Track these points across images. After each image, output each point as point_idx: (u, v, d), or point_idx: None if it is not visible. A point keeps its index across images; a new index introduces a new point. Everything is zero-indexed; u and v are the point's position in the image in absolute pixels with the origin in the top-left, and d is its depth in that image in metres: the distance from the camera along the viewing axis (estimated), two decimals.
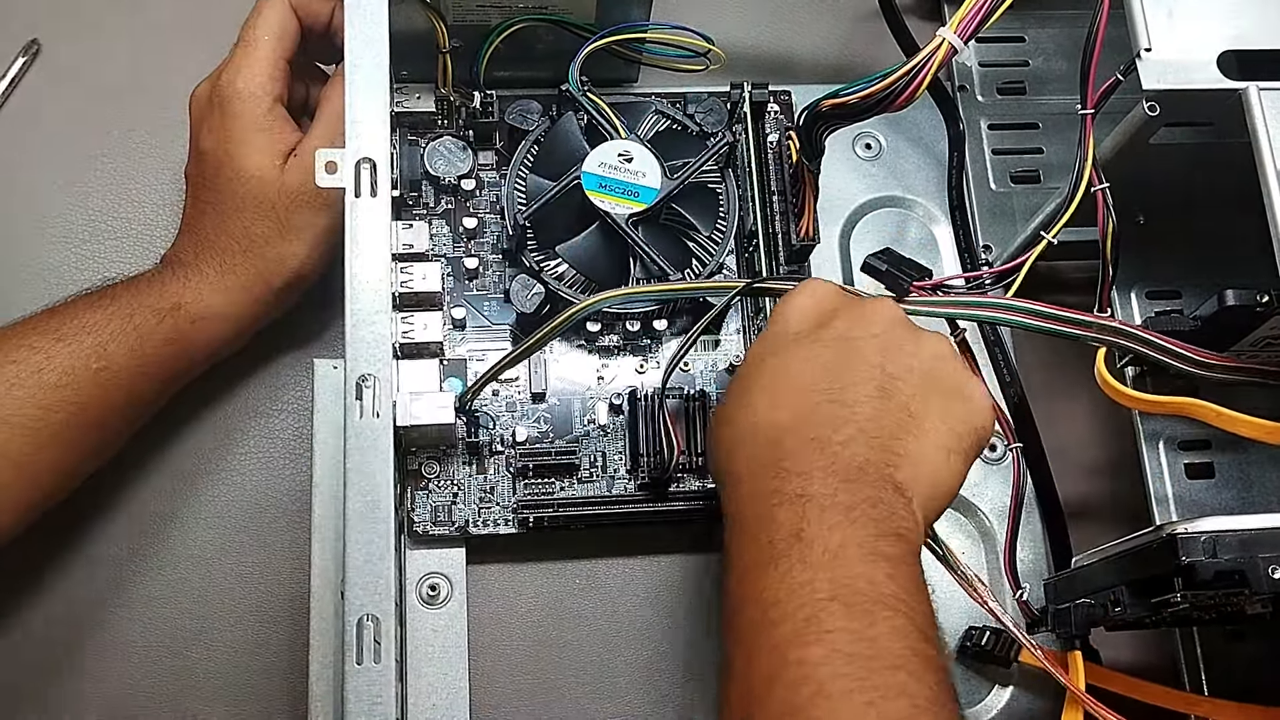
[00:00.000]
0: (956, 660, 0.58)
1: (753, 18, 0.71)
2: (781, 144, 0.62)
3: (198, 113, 0.58)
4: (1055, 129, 0.68)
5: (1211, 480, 0.56)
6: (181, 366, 0.56)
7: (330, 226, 0.57)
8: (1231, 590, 0.43)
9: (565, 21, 0.59)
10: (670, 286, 0.55)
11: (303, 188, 0.55)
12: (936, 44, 0.47)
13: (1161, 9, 0.47)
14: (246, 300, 0.57)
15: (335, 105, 0.55)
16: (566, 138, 0.58)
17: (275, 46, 0.57)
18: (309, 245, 0.57)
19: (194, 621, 0.58)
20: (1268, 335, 0.47)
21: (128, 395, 0.53)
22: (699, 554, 0.60)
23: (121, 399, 0.53)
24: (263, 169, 0.55)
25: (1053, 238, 0.50)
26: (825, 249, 0.63)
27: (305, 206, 0.56)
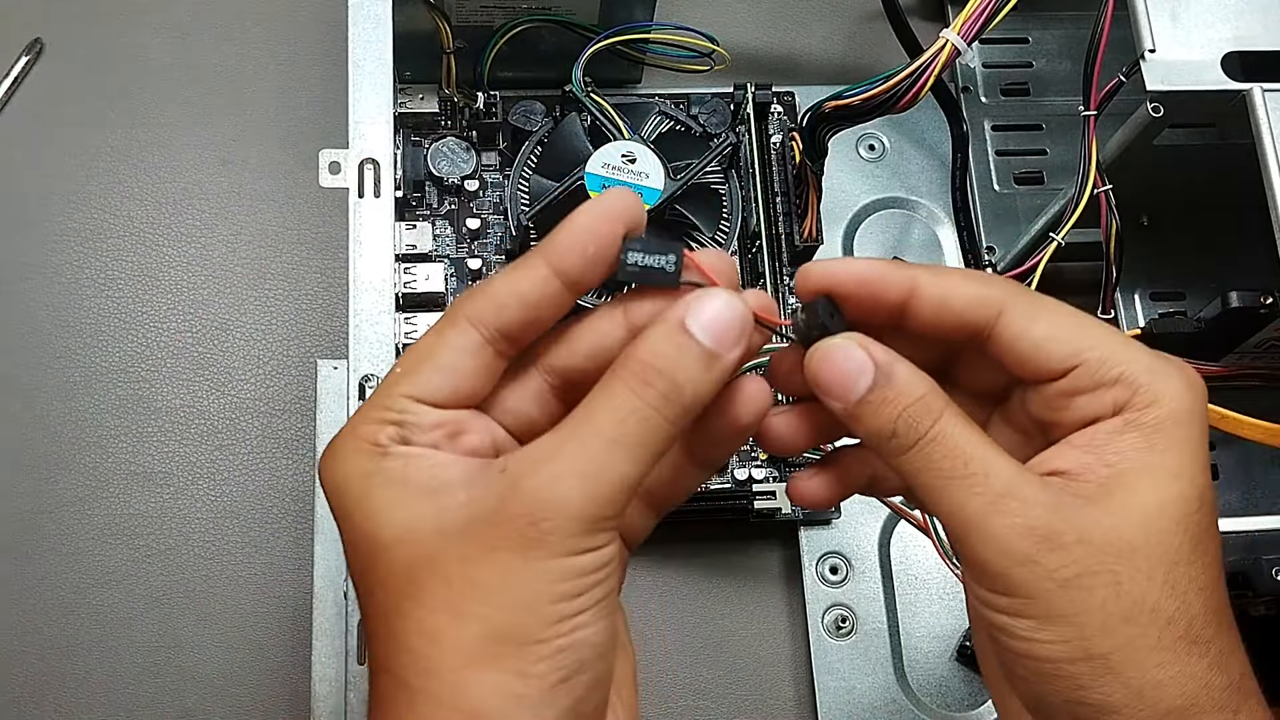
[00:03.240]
0: (956, 660, 0.58)
1: (756, 19, 0.71)
2: (785, 145, 0.62)
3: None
4: (1059, 130, 0.68)
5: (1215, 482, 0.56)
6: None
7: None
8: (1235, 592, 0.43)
9: (569, 22, 0.59)
10: None
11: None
12: (940, 45, 0.47)
13: (1165, 10, 0.47)
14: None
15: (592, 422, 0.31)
16: (570, 138, 0.58)
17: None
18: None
19: (194, 621, 0.58)
20: (1271, 337, 0.47)
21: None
22: (700, 553, 0.60)
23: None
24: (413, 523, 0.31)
25: (1061, 239, 0.50)
26: (828, 250, 0.63)
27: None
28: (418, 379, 0.32)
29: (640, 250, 0.31)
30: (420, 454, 0.31)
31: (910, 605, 0.59)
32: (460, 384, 0.32)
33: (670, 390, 0.30)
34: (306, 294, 0.63)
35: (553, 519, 0.29)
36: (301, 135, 0.66)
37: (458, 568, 0.30)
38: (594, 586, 0.30)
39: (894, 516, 0.59)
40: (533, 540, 0.29)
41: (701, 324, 0.30)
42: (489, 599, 0.29)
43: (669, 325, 0.31)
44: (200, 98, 0.67)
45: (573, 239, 0.32)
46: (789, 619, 0.60)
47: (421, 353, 0.32)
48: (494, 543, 0.30)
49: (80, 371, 0.61)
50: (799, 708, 0.58)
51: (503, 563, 0.29)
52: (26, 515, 0.59)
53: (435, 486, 0.31)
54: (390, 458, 0.31)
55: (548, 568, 0.29)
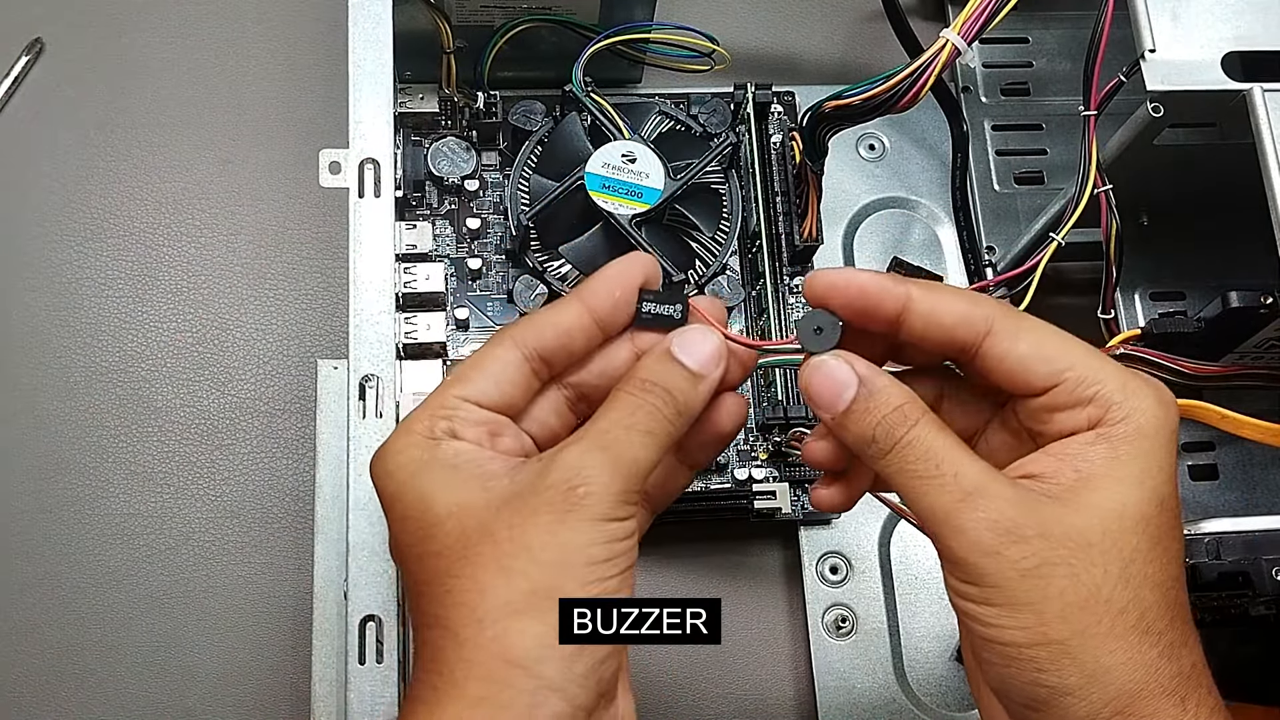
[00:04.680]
0: (956, 660, 0.58)
1: (756, 18, 0.71)
2: (785, 145, 0.62)
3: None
4: (1059, 130, 0.68)
5: (1215, 482, 0.56)
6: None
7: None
8: (1235, 592, 0.43)
9: (569, 22, 0.59)
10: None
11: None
12: (940, 45, 0.47)
13: (1165, 10, 0.47)
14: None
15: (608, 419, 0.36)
16: (570, 138, 0.58)
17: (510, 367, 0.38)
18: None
19: (195, 621, 0.58)
20: (1271, 337, 0.47)
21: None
22: (700, 553, 0.60)
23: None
24: (464, 499, 0.35)
25: (1062, 239, 0.50)
26: (828, 250, 0.63)
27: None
28: (469, 383, 0.37)
29: (653, 301, 0.39)
30: (467, 447, 0.36)
31: (910, 605, 0.59)
32: (503, 392, 0.38)
33: (665, 395, 0.37)
34: (306, 294, 0.63)
35: (587, 485, 0.34)
36: (301, 135, 0.66)
37: (505, 531, 0.34)
38: (620, 555, 0.35)
39: (894, 516, 0.59)
40: (571, 504, 0.34)
41: (685, 351, 0.37)
42: (533, 557, 0.34)
43: (659, 352, 0.38)
44: (200, 98, 0.67)
45: (603, 283, 0.38)
46: (789, 619, 0.60)
47: (472, 363, 0.38)
48: (537, 508, 0.34)
49: (80, 371, 0.61)
50: (799, 708, 0.58)
51: (544, 525, 0.34)
52: (26, 515, 0.59)
53: (481, 472, 0.36)
54: (442, 447, 0.36)
55: (583, 530, 0.34)
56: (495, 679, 0.33)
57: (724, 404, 0.40)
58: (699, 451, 0.41)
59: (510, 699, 0.33)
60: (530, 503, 0.34)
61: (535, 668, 0.33)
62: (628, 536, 0.36)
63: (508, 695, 0.33)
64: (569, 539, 0.34)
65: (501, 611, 0.33)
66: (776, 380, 0.57)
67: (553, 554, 0.34)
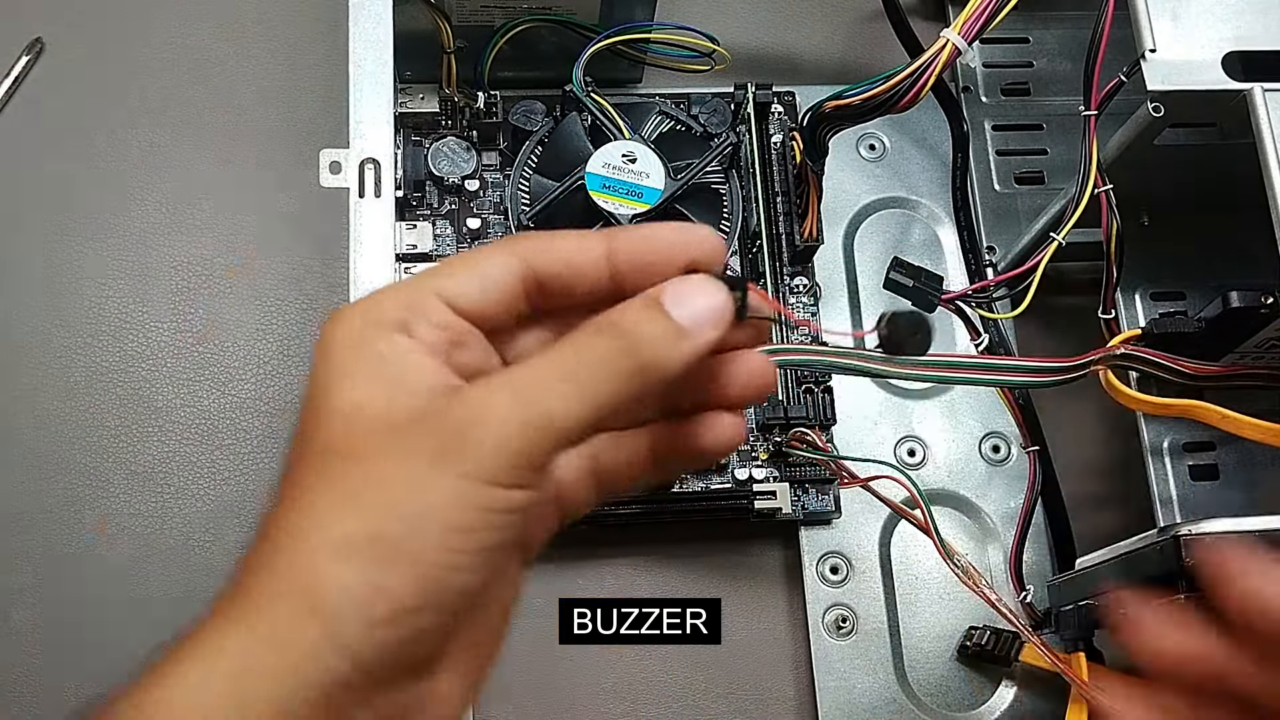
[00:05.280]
0: (956, 660, 0.58)
1: (757, 18, 0.71)
2: (785, 145, 0.62)
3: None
4: (1059, 130, 0.68)
5: (1216, 482, 0.56)
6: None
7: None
8: None
9: (569, 22, 0.59)
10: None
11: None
12: (940, 45, 0.47)
13: (1166, 10, 0.47)
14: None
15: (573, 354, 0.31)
16: (570, 138, 0.58)
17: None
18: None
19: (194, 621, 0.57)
20: (1271, 337, 0.47)
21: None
22: (701, 553, 0.60)
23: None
24: (361, 403, 0.31)
25: (1062, 239, 0.50)
26: (829, 250, 0.63)
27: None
28: (450, 279, 0.32)
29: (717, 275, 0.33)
30: (410, 346, 0.31)
31: (910, 605, 0.59)
32: (486, 299, 0.32)
33: (630, 350, 0.31)
34: (306, 294, 0.63)
35: (479, 434, 0.29)
36: (301, 135, 0.66)
37: (377, 458, 0.30)
38: (491, 532, 0.29)
39: (894, 516, 0.59)
40: (452, 452, 0.29)
41: (677, 300, 0.32)
42: (389, 499, 0.29)
43: (648, 296, 0.32)
44: (200, 97, 0.67)
45: (643, 243, 0.33)
46: (789, 619, 0.60)
47: (462, 259, 0.33)
48: (418, 445, 0.29)
49: (80, 371, 0.61)
50: (799, 708, 0.58)
51: (416, 467, 0.29)
52: (26, 515, 0.59)
53: (402, 380, 0.31)
54: (382, 336, 0.31)
55: (451, 487, 0.29)
56: (289, 620, 0.29)
57: (719, 421, 0.35)
58: (673, 458, 0.35)
59: (292, 645, 0.28)
60: (415, 435, 0.29)
61: (333, 623, 0.28)
62: (510, 512, 0.29)
63: (292, 641, 0.28)
64: (433, 493, 0.29)
65: (328, 549, 0.29)
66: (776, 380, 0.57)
67: (411, 505, 0.29)
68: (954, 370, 0.45)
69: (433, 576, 0.29)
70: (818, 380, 0.58)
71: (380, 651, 0.28)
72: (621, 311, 0.32)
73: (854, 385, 0.61)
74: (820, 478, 0.59)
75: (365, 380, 0.31)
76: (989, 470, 0.62)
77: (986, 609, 0.54)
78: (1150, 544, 0.45)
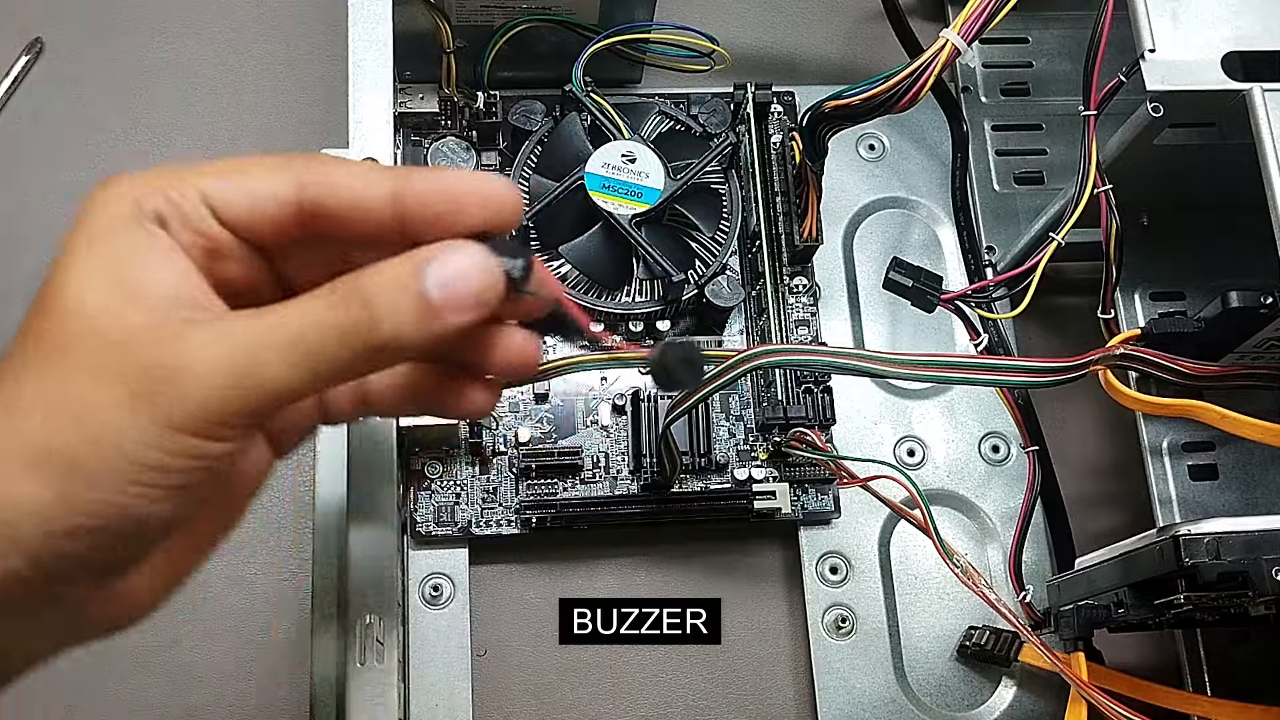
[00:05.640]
0: (956, 660, 0.58)
1: (756, 18, 0.71)
2: (785, 145, 0.62)
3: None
4: (1059, 130, 0.68)
5: (1215, 482, 0.56)
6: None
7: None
8: (1235, 592, 0.43)
9: (569, 22, 0.59)
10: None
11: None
12: (940, 45, 0.47)
13: (1165, 10, 0.47)
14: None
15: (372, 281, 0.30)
16: (570, 138, 0.58)
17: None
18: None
19: (194, 622, 0.58)
20: (1271, 337, 0.47)
21: None
22: (701, 553, 0.60)
23: None
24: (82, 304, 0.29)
25: (1062, 239, 0.50)
26: (828, 250, 0.63)
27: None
28: (217, 181, 0.30)
29: (495, 247, 0.31)
30: (161, 247, 0.30)
31: (910, 605, 0.59)
32: (251, 216, 0.31)
33: (370, 324, 0.29)
34: None
35: (182, 384, 0.28)
36: (301, 135, 0.66)
37: (78, 377, 0.28)
38: (181, 471, 0.29)
39: (894, 516, 0.59)
40: (152, 392, 0.28)
41: (438, 277, 0.30)
42: (81, 421, 0.28)
43: (409, 263, 0.30)
44: (200, 98, 0.67)
45: (434, 186, 0.31)
46: (789, 619, 0.60)
47: (235, 165, 0.31)
48: (122, 373, 0.28)
49: None
50: (799, 708, 0.58)
51: (114, 399, 0.28)
52: None
53: (140, 289, 0.29)
54: (137, 228, 0.30)
55: (145, 426, 0.28)
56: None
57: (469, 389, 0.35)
58: (424, 403, 0.35)
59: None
60: (125, 362, 0.28)
61: (10, 526, 0.28)
62: (205, 459, 0.29)
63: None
64: (127, 429, 0.28)
65: (18, 454, 0.28)
66: (776, 380, 0.57)
67: (103, 433, 0.28)
68: (953, 370, 0.45)
69: (117, 503, 0.28)
70: (817, 380, 0.58)
71: (57, 558, 0.28)
72: (371, 277, 0.29)
73: (854, 385, 0.61)
74: (820, 478, 0.59)
75: (103, 283, 0.29)
76: (988, 470, 0.62)
77: (986, 609, 0.54)
78: (1149, 544, 0.45)
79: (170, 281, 0.29)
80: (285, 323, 0.29)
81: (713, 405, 0.59)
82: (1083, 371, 0.46)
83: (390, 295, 0.29)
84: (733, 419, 0.59)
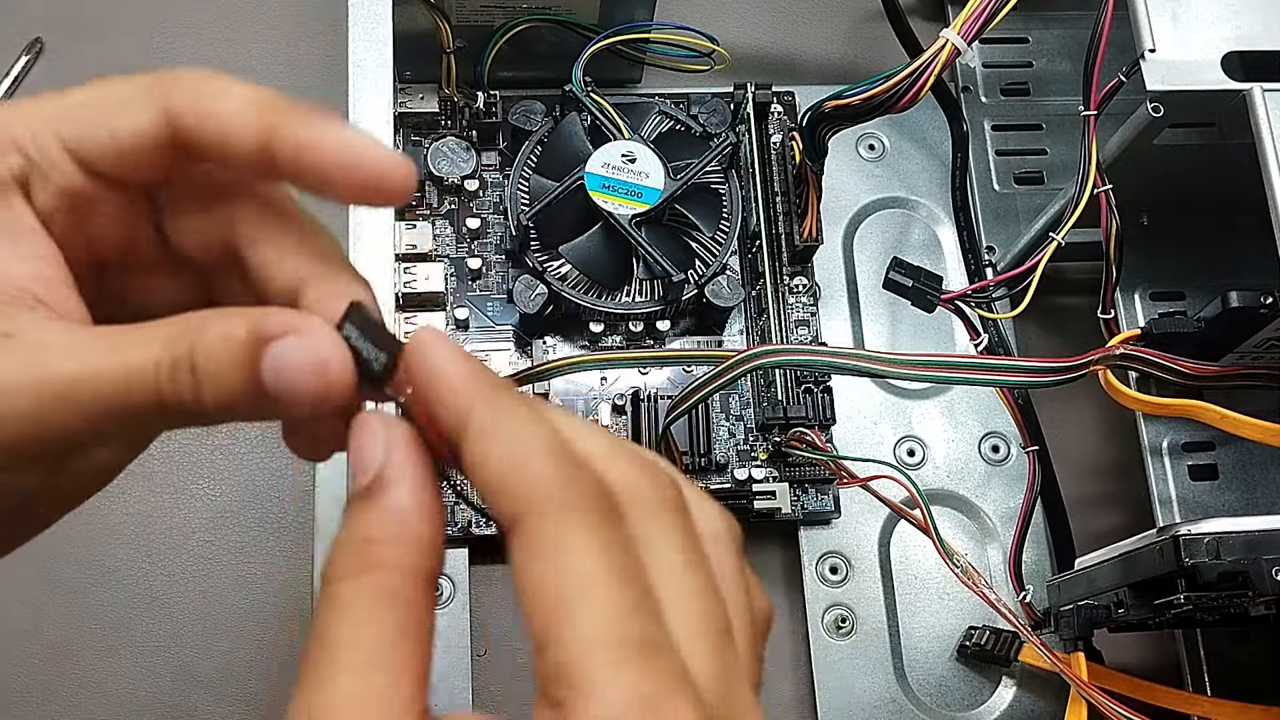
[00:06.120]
0: (956, 660, 0.58)
1: (756, 18, 0.71)
2: (785, 145, 0.62)
3: None
4: (1059, 130, 0.68)
5: (1215, 482, 0.56)
6: None
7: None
8: (1235, 592, 0.43)
9: (569, 22, 0.59)
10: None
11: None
12: (940, 45, 0.47)
13: (1165, 10, 0.47)
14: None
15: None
16: (570, 138, 0.58)
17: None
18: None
19: (194, 621, 0.58)
20: (1271, 337, 0.47)
21: None
22: None
23: None
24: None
25: (1062, 239, 0.50)
26: (828, 249, 0.63)
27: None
28: (76, 120, 0.26)
29: (358, 329, 0.26)
30: (21, 224, 0.26)
31: (910, 605, 0.59)
32: (121, 157, 0.26)
33: (188, 389, 0.25)
34: None
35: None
36: None
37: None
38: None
39: (894, 516, 0.59)
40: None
41: (274, 357, 0.25)
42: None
43: (240, 330, 0.25)
44: None
45: (312, 134, 0.27)
46: (789, 619, 0.60)
47: (93, 94, 0.26)
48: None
49: None
50: (799, 708, 0.58)
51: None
52: None
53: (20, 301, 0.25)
54: (16, 194, 0.26)
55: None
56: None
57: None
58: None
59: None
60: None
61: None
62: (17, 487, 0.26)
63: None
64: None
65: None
66: (776, 380, 0.57)
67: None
68: (953, 370, 0.45)
69: None
70: (817, 380, 0.58)
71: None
72: (204, 321, 0.25)
73: (854, 385, 0.61)
74: (820, 478, 0.59)
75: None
76: (988, 470, 0.62)
77: (986, 609, 0.54)
78: (1149, 544, 0.45)
79: (18, 275, 0.26)
80: (99, 363, 0.25)
81: (713, 405, 0.59)
82: (1083, 371, 0.46)
83: (218, 363, 0.25)
84: (733, 419, 0.59)
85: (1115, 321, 0.52)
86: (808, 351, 0.47)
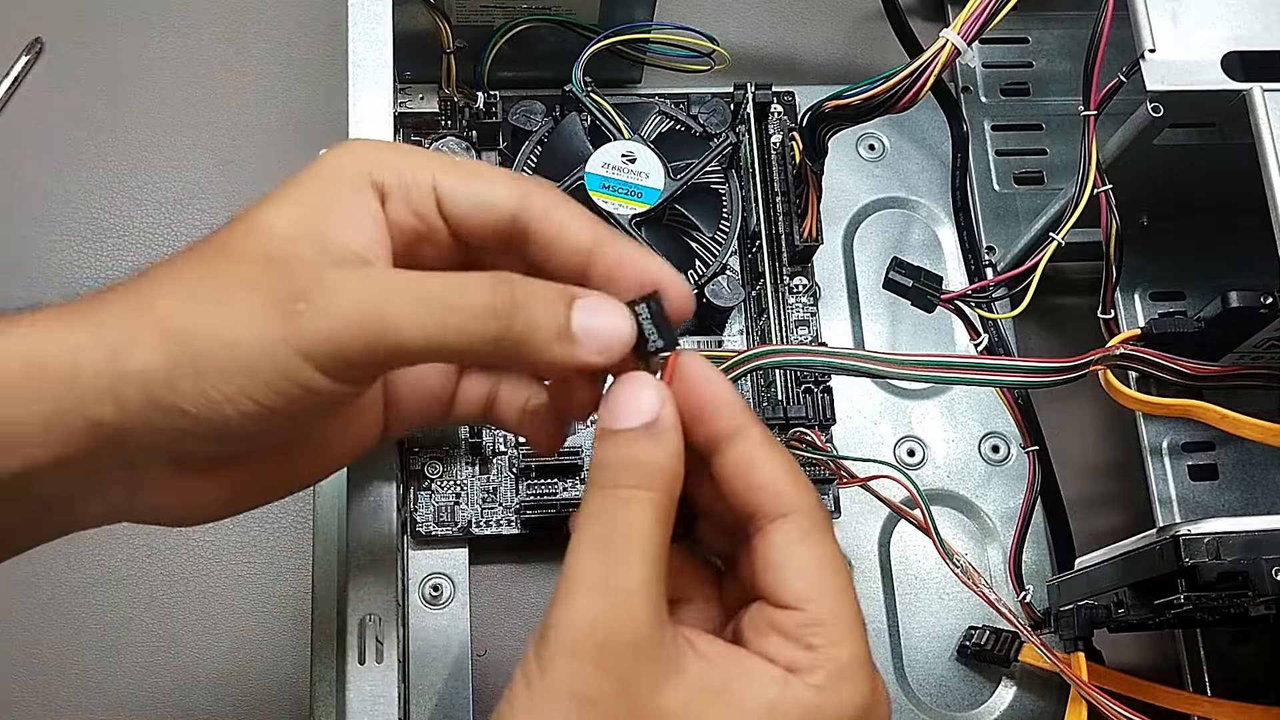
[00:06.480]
0: (956, 660, 0.58)
1: (756, 18, 0.71)
2: (785, 145, 0.62)
3: None
4: (1059, 130, 0.68)
5: (1215, 482, 0.56)
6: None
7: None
8: (1235, 592, 0.43)
9: (569, 22, 0.59)
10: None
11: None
12: (940, 45, 0.47)
13: (1165, 10, 0.47)
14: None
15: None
16: (570, 138, 0.58)
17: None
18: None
19: (195, 621, 0.58)
20: (1271, 337, 0.47)
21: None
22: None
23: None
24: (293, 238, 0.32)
25: (1062, 239, 0.50)
26: (828, 250, 0.63)
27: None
28: (455, 180, 0.33)
29: (649, 314, 0.33)
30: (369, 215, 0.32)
31: (910, 605, 0.59)
32: (474, 216, 0.34)
33: (506, 316, 0.31)
34: None
35: (320, 311, 0.30)
36: (301, 135, 0.66)
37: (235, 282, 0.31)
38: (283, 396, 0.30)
39: (894, 516, 0.59)
40: (291, 312, 0.30)
41: (591, 312, 0.33)
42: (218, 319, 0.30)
43: (560, 292, 0.32)
44: (200, 98, 0.67)
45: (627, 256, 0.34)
46: None
47: (474, 169, 0.34)
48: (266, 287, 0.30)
49: None
50: None
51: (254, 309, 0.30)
52: None
53: (323, 234, 0.32)
54: (356, 189, 0.33)
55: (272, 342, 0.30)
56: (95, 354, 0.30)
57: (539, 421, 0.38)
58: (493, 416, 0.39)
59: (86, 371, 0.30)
60: (280, 278, 0.31)
61: (123, 381, 0.30)
62: (310, 392, 0.30)
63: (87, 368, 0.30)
64: (254, 339, 0.30)
65: (158, 324, 0.30)
66: (776, 380, 0.57)
67: (232, 335, 0.30)
68: (953, 370, 0.45)
69: (212, 399, 0.30)
70: (817, 380, 0.58)
71: (143, 425, 0.30)
72: (530, 285, 0.32)
73: (854, 385, 0.61)
74: (820, 478, 0.59)
75: (295, 220, 0.32)
76: (988, 470, 0.62)
77: (986, 609, 0.54)
78: (1149, 544, 0.45)
79: (356, 241, 0.32)
80: (430, 285, 0.31)
81: None
82: (1083, 371, 0.46)
83: (539, 304, 0.32)
84: None
85: (1115, 321, 0.52)
86: (808, 351, 0.47)
